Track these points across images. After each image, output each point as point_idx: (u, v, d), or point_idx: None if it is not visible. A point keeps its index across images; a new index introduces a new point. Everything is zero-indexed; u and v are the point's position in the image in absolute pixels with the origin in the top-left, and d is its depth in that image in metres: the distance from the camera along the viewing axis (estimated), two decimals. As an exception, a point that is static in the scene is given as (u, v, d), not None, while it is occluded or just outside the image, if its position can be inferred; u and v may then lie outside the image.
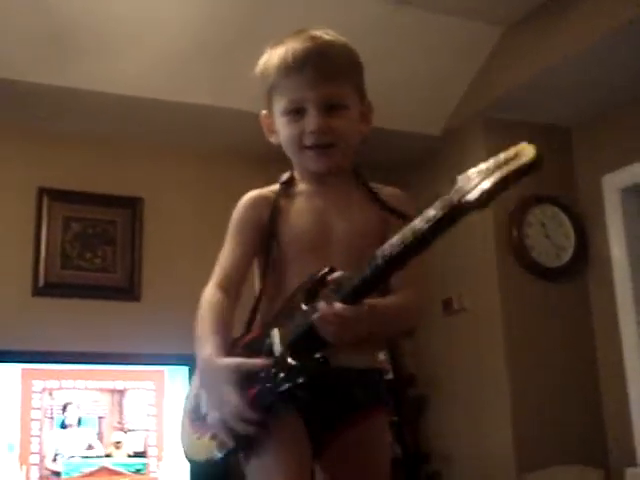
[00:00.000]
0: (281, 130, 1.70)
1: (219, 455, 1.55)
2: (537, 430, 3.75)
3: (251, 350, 1.59)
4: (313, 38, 1.68)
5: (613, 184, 3.95)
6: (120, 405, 3.61)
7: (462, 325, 4.06)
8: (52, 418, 3.48)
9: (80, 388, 3.56)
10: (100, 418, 3.57)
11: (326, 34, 1.71)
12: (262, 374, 1.50)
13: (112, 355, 3.67)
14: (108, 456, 3.52)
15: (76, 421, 3.52)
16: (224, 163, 4.23)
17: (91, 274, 3.93)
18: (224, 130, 4.04)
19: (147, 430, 3.60)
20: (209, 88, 3.74)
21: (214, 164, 4.24)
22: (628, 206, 3.94)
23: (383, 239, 1.48)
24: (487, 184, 1.25)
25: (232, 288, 1.67)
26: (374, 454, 1.68)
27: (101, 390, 3.60)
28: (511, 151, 1.29)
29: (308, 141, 1.65)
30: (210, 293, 1.65)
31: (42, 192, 3.90)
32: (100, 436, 3.55)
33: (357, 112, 1.71)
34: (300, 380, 1.47)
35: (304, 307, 1.51)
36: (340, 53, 1.69)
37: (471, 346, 4.01)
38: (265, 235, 1.68)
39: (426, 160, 4.40)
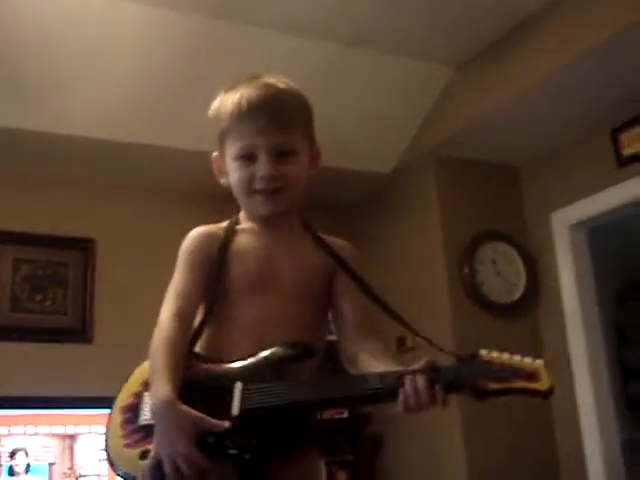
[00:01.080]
0: (232, 173, 1.74)
1: (138, 477, 1.54)
2: (492, 462, 3.76)
3: (203, 386, 1.58)
4: (267, 86, 1.72)
5: (562, 220, 4.02)
6: (71, 450, 3.54)
7: (415, 361, 4.06)
8: (0, 465, 3.40)
9: (30, 434, 3.49)
10: (51, 464, 3.50)
11: (279, 82, 1.75)
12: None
13: (63, 399, 3.60)
14: (59, 503, 3.45)
15: (24, 468, 3.44)
16: (176, 202, 4.22)
17: (41, 317, 3.87)
18: (175, 170, 4.04)
19: (99, 475, 3.53)
20: (159, 129, 3.74)
21: (166, 204, 4.23)
22: (577, 242, 4.00)
23: (328, 278, 1.69)
24: (496, 386, 1.51)
25: (188, 316, 1.67)
26: None
27: (52, 435, 3.53)
28: (529, 365, 1.52)
29: (258, 185, 1.69)
30: (166, 324, 1.63)
31: (-9, 234, 3.85)
32: (51, 483, 3.47)
33: (306, 157, 1.75)
34: (247, 455, 1.50)
35: (273, 384, 1.52)
36: (292, 101, 1.73)
37: (426, 383, 4.01)
38: (213, 268, 1.69)
39: (376, 198, 4.44)
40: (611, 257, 4.59)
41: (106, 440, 1.65)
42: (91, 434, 3.57)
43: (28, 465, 3.46)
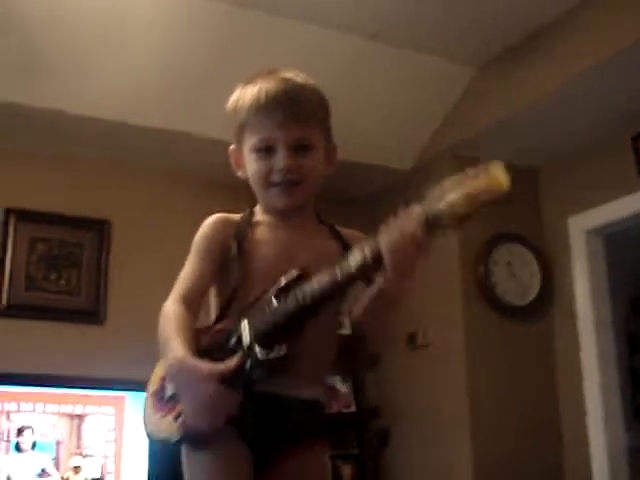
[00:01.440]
0: (249, 166, 1.74)
1: (175, 438, 1.59)
2: (497, 465, 3.76)
3: (216, 342, 1.62)
4: (285, 80, 1.73)
5: (579, 226, 4.00)
6: (79, 430, 3.57)
7: (426, 359, 4.07)
8: (8, 441, 3.43)
9: (39, 412, 3.51)
10: (58, 442, 3.52)
11: (298, 76, 1.76)
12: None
13: (73, 379, 3.63)
14: (66, 481, 3.48)
15: (30, 445, 3.47)
16: (192, 187, 4.23)
17: (55, 296, 3.89)
18: (192, 155, 4.04)
19: (105, 457, 3.55)
20: (178, 113, 3.75)
21: (182, 188, 4.24)
22: (593, 248, 3.99)
23: None
24: (453, 196, 1.44)
25: (193, 303, 1.68)
26: None
27: (60, 414, 3.55)
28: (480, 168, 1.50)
29: (276, 178, 1.70)
30: (171, 306, 1.65)
31: (8, 212, 3.87)
32: (57, 461, 3.50)
33: (323, 153, 1.76)
34: (269, 379, 1.54)
35: (274, 302, 1.56)
36: (310, 97, 1.74)
37: (434, 380, 4.02)
38: (225, 254, 1.70)
39: (393, 194, 4.43)
40: (627, 265, 4.56)
41: (144, 424, 1.70)
42: (99, 415, 3.59)
43: (34, 442, 3.48)
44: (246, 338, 1.56)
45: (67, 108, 3.60)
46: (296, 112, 1.69)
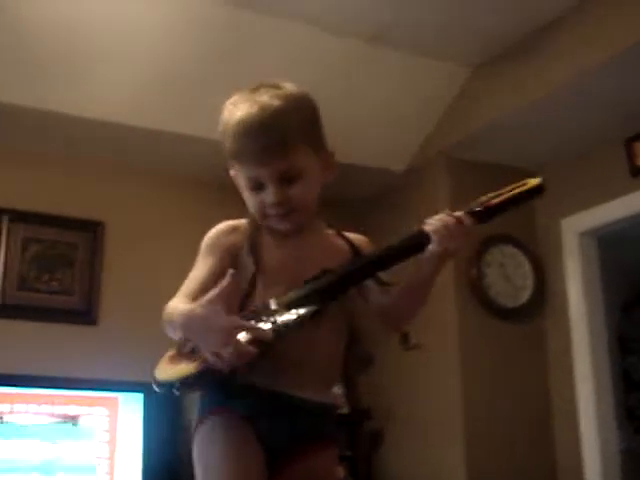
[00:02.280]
0: (246, 199, 1.76)
1: (194, 371, 1.56)
2: (491, 466, 3.77)
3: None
4: (262, 107, 1.67)
5: (572, 227, 4.02)
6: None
7: (419, 360, 4.08)
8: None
9: (32, 412, 3.51)
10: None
11: (276, 96, 1.70)
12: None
13: (66, 380, 3.62)
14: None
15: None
16: (186, 189, 4.23)
17: (48, 296, 3.88)
18: (187, 157, 4.04)
19: (99, 457, 3.55)
20: (173, 115, 3.74)
21: (176, 190, 4.24)
22: (586, 249, 4.00)
23: None
24: (498, 199, 1.79)
25: (198, 299, 1.67)
26: None
27: (53, 415, 3.55)
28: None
29: (269, 211, 1.71)
30: (176, 301, 1.67)
31: (2, 212, 3.86)
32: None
33: (315, 169, 1.74)
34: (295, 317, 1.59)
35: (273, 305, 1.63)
36: (289, 120, 1.68)
37: (427, 381, 4.03)
38: (234, 258, 1.72)
39: (387, 197, 4.44)
40: (620, 266, 4.57)
41: (154, 374, 1.67)
42: (92, 416, 3.59)
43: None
44: (273, 305, 1.62)
45: (62, 109, 3.60)
46: (274, 146, 1.65)
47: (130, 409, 3.63)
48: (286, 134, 1.67)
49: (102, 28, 3.37)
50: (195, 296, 1.65)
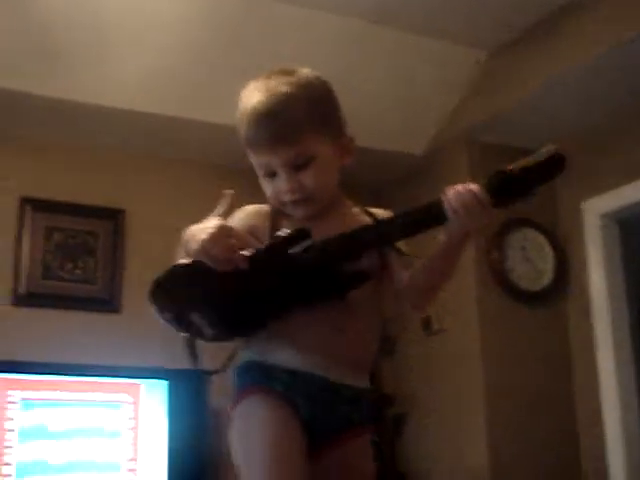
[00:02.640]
0: (263, 186, 1.77)
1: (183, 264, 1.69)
2: (513, 450, 3.77)
3: None
4: (273, 95, 1.68)
5: (593, 210, 3.99)
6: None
7: (440, 345, 4.08)
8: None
9: (56, 399, 3.54)
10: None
11: (287, 83, 1.70)
12: None
13: (89, 367, 3.65)
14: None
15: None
16: (206, 175, 4.23)
17: (72, 285, 3.91)
18: (206, 142, 4.05)
19: (123, 445, 3.57)
20: (191, 101, 3.75)
21: (196, 176, 4.24)
22: (608, 232, 3.97)
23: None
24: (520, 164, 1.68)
25: None
26: (359, 473, 1.73)
27: (77, 401, 3.57)
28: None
29: (284, 198, 1.72)
30: None
31: (24, 202, 3.89)
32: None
33: (329, 154, 1.73)
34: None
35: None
36: (299, 104, 1.68)
37: (449, 366, 4.03)
38: (259, 238, 1.73)
39: (407, 180, 4.43)
40: (641, 249, 4.54)
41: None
42: (116, 402, 3.62)
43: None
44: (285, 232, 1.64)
45: (82, 98, 3.61)
46: (282, 133, 1.66)
47: (154, 396, 3.65)
48: (294, 120, 1.67)
49: (120, 17, 3.38)
50: None
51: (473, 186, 1.58)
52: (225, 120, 3.62)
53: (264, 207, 1.80)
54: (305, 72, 1.75)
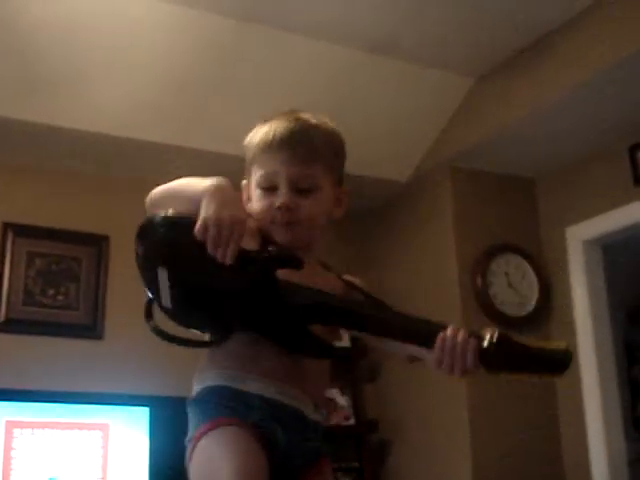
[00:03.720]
0: (254, 201, 1.76)
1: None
2: (498, 476, 3.75)
3: None
4: (298, 120, 1.74)
5: (577, 236, 4.01)
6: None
7: (425, 371, 4.05)
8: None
9: (36, 427, 3.50)
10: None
11: (313, 118, 1.77)
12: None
13: (71, 394, 3.61)
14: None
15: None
16: (192, 203, 4.22)
17: (53, 311, 3.88)
18: (192, 170, 4.01)
19: (104, 471, 3.54)
20: (178, 128, 3.75)
21: (182, 204, 4.23)
22: (591, 258, 3.99)
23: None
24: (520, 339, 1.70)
25: None
26: None
27: (59, 426, 3.54)
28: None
29: (276, 215, 1.70)
30: None
31: (6, 227, 3.87)
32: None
33: (329, 195, 1.76)
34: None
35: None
36: (320, 137, 1.74)
37: (434, 392, 4.01)
38: None
39: (391, 207, 4.44)
40: (625, 275, 4.56)
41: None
42: (97, 430, 3.58)
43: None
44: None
45: (63, 123, 3.60)
46: (301, 151, 1.69)
47: (136, 423, 3.62)
48: (315, 146, 1.72)
49: (105, 43, 3.38)
50: None
51: (472, 346, 1.60)
52: (210, 147, 3.65)
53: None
54: (326, 119, 1.81)
